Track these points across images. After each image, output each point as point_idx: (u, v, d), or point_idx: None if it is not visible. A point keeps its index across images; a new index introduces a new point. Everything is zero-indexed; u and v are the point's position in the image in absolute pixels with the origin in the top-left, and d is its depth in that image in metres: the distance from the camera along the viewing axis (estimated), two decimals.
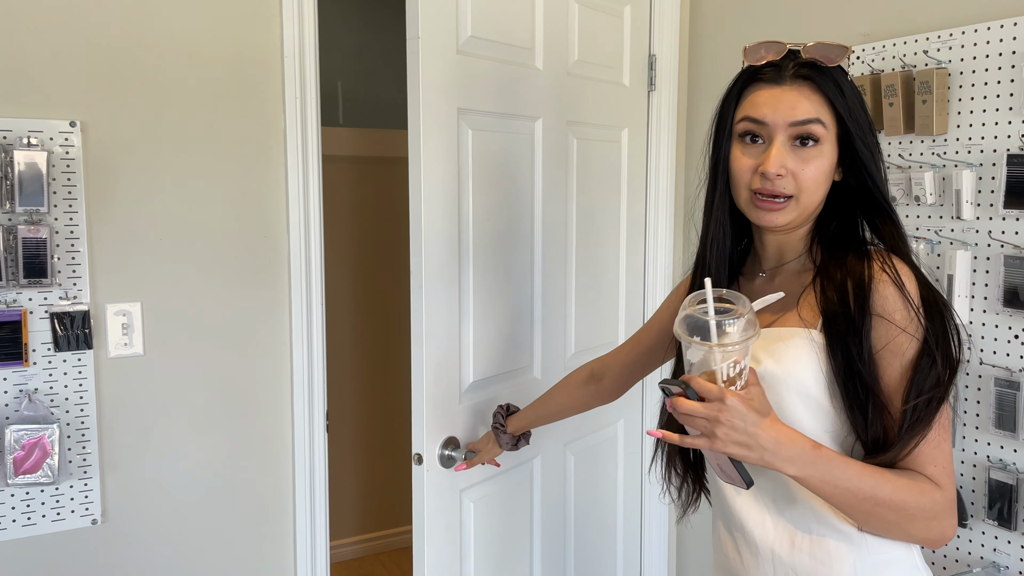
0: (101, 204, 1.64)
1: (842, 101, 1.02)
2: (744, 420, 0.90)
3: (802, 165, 1.02)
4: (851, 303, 1.00)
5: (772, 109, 1.02)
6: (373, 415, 3.47)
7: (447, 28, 1.50)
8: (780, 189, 1.02)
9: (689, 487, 1.23)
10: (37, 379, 1.60)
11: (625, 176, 2.08)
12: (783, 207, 1.03)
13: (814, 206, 1.05)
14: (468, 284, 1.59)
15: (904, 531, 0.99)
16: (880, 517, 0.97)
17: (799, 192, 1.02)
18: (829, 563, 1.03)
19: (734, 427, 0.90)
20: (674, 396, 0.93)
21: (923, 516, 0.97)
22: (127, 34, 1.65)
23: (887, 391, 0.99)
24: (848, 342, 0.99)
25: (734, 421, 0.90)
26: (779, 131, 1.02)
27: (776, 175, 1.01)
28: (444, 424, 1.56)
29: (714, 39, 2.14)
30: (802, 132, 1.01)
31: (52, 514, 1.63)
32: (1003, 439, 1.52)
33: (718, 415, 0.90)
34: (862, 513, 0.97)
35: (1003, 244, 1.51)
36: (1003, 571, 1.53)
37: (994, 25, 1.52)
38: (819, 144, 1.02)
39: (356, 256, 3.37)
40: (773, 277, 1.12)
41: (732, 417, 0.90)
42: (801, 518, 1.04)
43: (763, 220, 1.05)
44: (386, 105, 3.39)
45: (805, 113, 1.01)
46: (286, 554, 1.89)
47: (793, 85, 1.02)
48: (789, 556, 1.05)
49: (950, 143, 1.59)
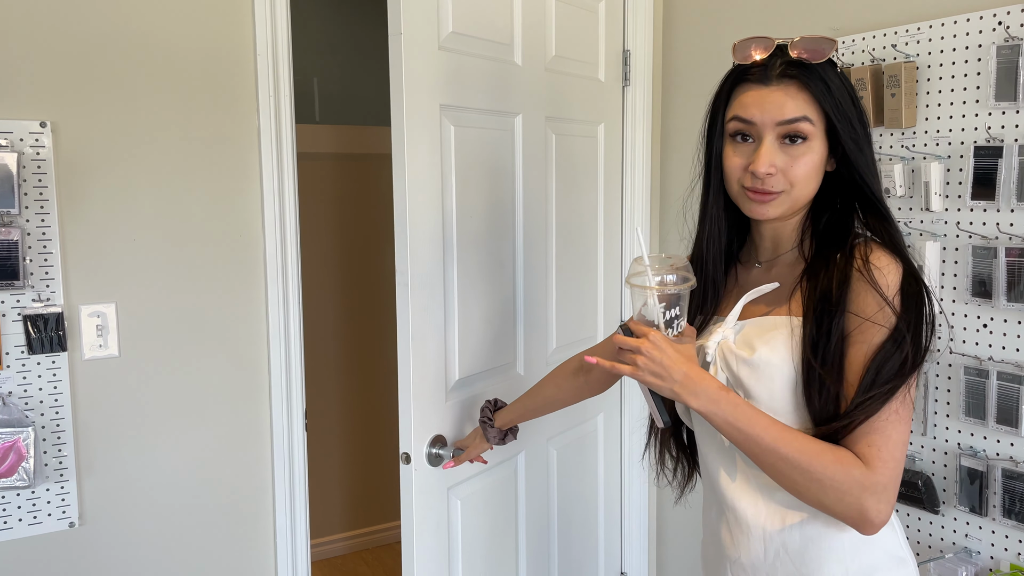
0: (73, 205, 1.62)
1: (828, 97, 1.04)
2: (662, 353, 1.02)
3: (791, 162, 1.04)
4: (832, 297, 1.03)
5: (760, 109, 1.04)
6: (357, 412, 3.46)
7: (429, 24, 1.49)
8: (770, 187, 1.05)
9: (684, 468, 1.29)
10: (11, 382, 1.58)
11: (602, 171, 2.09)
12: (774, 199, 1.06)
13: (806, 198, 1.08)
14: (452, 282, 1.59)
15: (817, 499, 1.00)
16: (786, 475, 1.00)
17: (790, 188, 1.05)
18: (819, 540, 1.05)
19: (652, 358, 1.02)
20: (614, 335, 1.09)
21: (833, 487, 0.98)
22: (97, 33, 1.63)
23: (848, 374, 1.02)
24: (819, 331, 1.02)
25: (652, 353, 1.02)
26: (767, 130, 1.04)
27: (766, 174, 1.04)
28: (431, 422, 1.56)
29: (688, 34, 2.16)
30: (790, 131, 1.03)
31: (29, 518, 1.62)
32: (973, 427, 1.56)
33: (640, 346, 1.03)
34: (768, 466, 1.02)
35: (971, 235, 1.55)
36: (975, 556, 1.57)
37: (960, 19, 1.54)
38: (807, 141, 1.04)
39: (337, 253, 3.35)
40: (770, 268, 1.15)
41: (651, 350, 1.02)
42: (793, 500, 1.06)
43: (755, 212, 1.08)
44: (363, 101, 3.37)
45: (792, 112, 1.03)
46: (266, 553, 1.88)
47: (780, 85, 1.04)
48: (780, 533, 1.07)
49: (919, 136, 1.62)
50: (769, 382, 1.05)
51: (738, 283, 1.19)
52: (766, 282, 1.11)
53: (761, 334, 1.08)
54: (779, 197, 1.06)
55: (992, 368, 1.52)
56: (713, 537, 1.18)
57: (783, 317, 1.08)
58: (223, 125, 1.77)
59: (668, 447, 1.28)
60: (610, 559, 2.23)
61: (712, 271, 1.17)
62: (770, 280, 1.12)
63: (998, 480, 1.51)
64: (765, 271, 1.15)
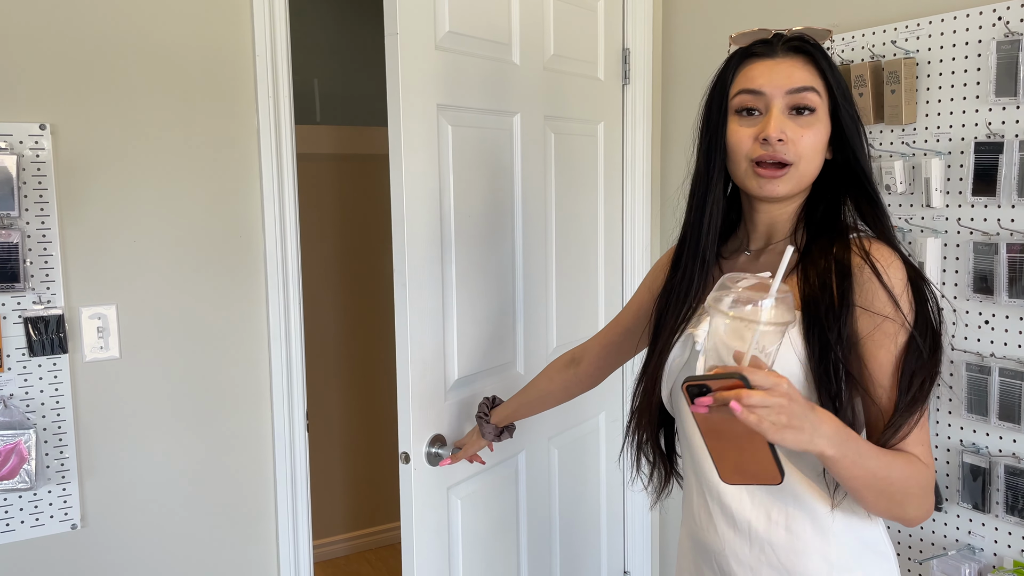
0: (73, 206, 1.63)
1: (832, 73, 1.05)
2: (800, 403, 0.87)
3: (800, 132, 1.03)
4: (833, 292, 1.01)
5: (768, 79, 1.04)
6: (358, 412, 3.46)
7: (425, 23, 1.49)
8: (781, 155, 1.02)
9: (661, 473, 1.23)
10: (12, 385, 1.59)
11: (602, 170, 2.09)
12: (783, 174, 1.03)
13: (810, 177, 1.06)
14: (451, 281, 1.59)
15: (902, 509, 1.00)
16: (889, 496, 0.98)
17: (798, 159, 1.03)
18: (803, 536, 1.05)
19: (794, 412, 0.86)
20: (714, 392, 0.85)
21: (920, 494, 1.00)
22: (97, 35, 1.63)
23: (874, 377, 1.01)
24: (825, 330, 1.00)
25: (793, 406, 0.86)
26: (776, 99, 1.04)
27: (777, 140, 1.02)
28: (430, 422, 1.56)
29: (687, 32, 2.15)
30: (798, 101, 1.03)
31: (31, 520, 1.62)
32: (976, 423, 1.55)
33: (782, 402, 0.85)
34: (875, 492, 0.97)
35: (972, 231, 1.54)
36: (978, 553, 1.56)
37: (960, 14, 1.54)
38: (815, 113, 1.04)
39: (337, 254, 3.36)
40: (758, 256, 1.13)
41: (792, 402, 0.86)
42: (779, 494, 1.06)
43: (764, 190, 1.05)
44: (363, 102, 3.37)
45: (801, 80, 1.03)
46: (269, 554, 1.89)
47: (787, 57, 1.05)
48: (766, 530, 1.06)
49: (919, 132, 1.61)
50: None
51: (722, 272, 1.15)
52: (753, 272, 1.08)
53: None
54: (788, 171, 1.03)
55: (994, 364, 1.51)
56: (695, 527, 1.16)
57: None
58: (223, 126, 1.77)
59: (645, 451, 1.21)
60: (613, 558, 2.23)
61: (707, 255, 1.13)
62: (758, 270, 1.08)
63: (1001, 477, 1.51)
64: (752, 259, 1.13)
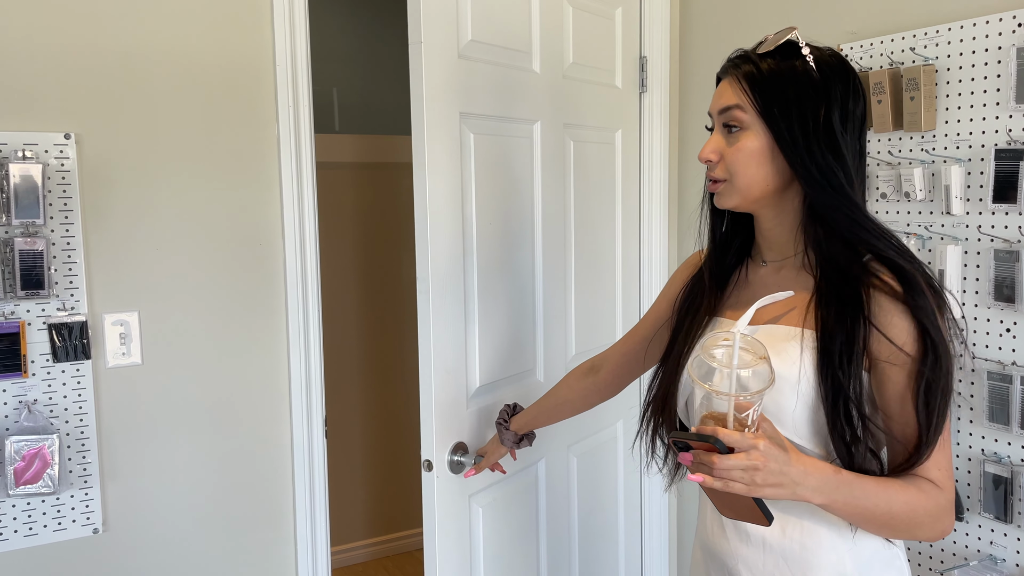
0: (97, 215, 1.65)
1: (761, 84, 1.04)
2: (777, 461, 0.91)
3: (728, 150, 1.08)
4: (847, 320, 1.00)
5: (712, 102, 1.11)
6: (378, 420, 3.47)
7: (448, 32, 1.50)
8: (713, 174, 1.10)
9: (675, 456, 1.23)
10: (36, 390, 1.60)
11: (620, 178, 2.09)
12: (719, 189, 1.10)
13: (754, 189, 1.07)
14: (473, 289, 1.60)
15: (911, 533, 1.02)
16: (892, 526, 1.01)
17: (731, 175, 1.08)
18: (818, 552, 1.05)
19: (770, 471, 0.90)
20: (693, 451, 0.91)
21: (929, 519, 1.00)
22: (120, 46, 1.65)
23: (889, 401, 1.01)
24: (840, 359, 1.00)
25: (770, 465, 0.90)
26: (716, 120, 1.10)
27: (705, 161, 1.09)
28: (452, 430, 1.56)
29: (704, 40, 2.16)
30: (726, 119, 1.08)
31: (53, 524, 1.64)
32: (997, 432, 1.54)
33: (756, 464, 0.89)
34: (877, 525, 1.00)
35: (993, 238, 1.53)
36: (1000, 563, 1.55)
37: (979, 21, 1.54)
38: (742, 128, 1.06)
39: (357, 262, 3.38)
40: (779, 269, 1.14)
41: (768, 462, 0.90)
42: (793, 507, 1.06)
43: (717, 202, 1.12)
44: (382, 111, 3.39)
45: (727, 100, 1.07)
46: (287, 560, 1.89)
47: (725, 77, 1.10)
48: (779, 543, 1.06)
49: (938, 139, 1.61)
50: (778, 395, 1.02)
51: (748, 280, 1.17)
52: (774, 282, 1.10)
53: (771, 344, 1.04)
54: (723, 186, 1.09)
55: (1016, 373, 1.50)
56: (708, 537, 1.16)
57: (795, 328, 1.05)
58: (243, 136, 1.79)
59: (660, 435, 1.23)
60: (631, 566, 2.23)
61: (716, 267, 1.19)
62: (778, 281, 1.11)
63: (1023, 487, 1.49)
64: (773, 272, 1.14)
